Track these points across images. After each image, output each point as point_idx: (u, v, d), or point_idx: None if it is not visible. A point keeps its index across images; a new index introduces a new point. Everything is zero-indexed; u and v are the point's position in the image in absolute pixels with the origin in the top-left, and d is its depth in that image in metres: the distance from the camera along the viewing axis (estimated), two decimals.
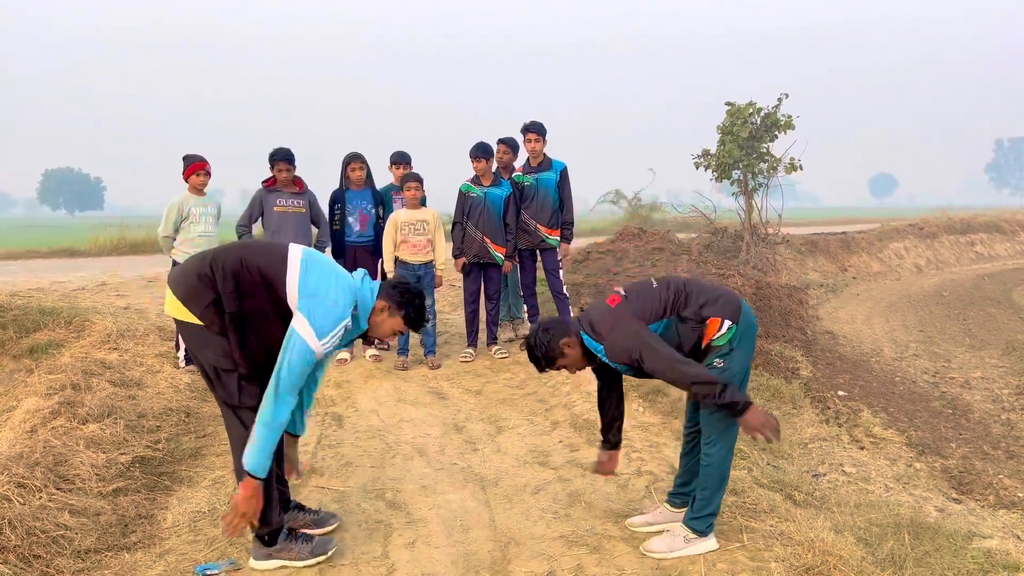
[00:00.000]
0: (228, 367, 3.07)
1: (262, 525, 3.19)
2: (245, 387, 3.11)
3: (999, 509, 5.03)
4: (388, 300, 3.23)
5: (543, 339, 3.33)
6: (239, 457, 3.08)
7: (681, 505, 3.61)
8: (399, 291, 3.26)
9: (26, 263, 14.03)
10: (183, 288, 3.08)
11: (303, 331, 2.97)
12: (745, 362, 3.31)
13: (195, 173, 6.18)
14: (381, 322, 3.25)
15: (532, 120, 6.88)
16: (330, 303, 3.03)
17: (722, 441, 3.29)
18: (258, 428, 2.97)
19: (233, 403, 3.12)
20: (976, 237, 23.81)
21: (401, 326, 3.29)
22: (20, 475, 3.70)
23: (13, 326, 6.33)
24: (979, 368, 9.47)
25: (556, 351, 3.32)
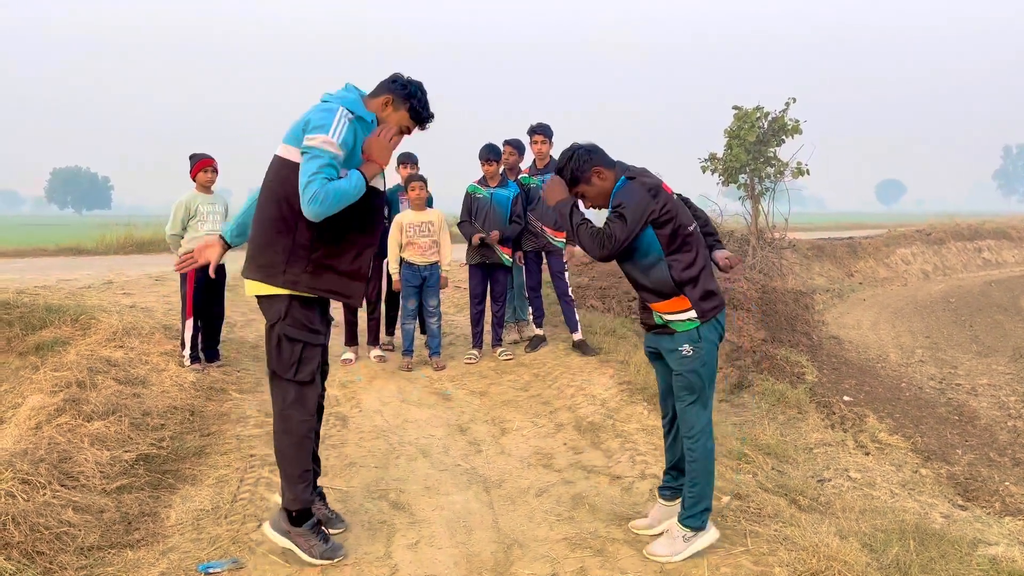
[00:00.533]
0: (295, 336, 3.12)
1: (286, 498, 3.22)
2: (305, 360, 3.15)
3: (1005, 516, 5.00)
4: (390, 93, 3.19)
5: (582, 155, 3.27)
6: (281, 432, 3.18)
7: (672, 497, 3.57)
8: (400, 83, 3.21)
9: (33, 261, 14.08)
10: (257, 272, 3.12)
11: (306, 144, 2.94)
12: (713, 358, 3.29)
13: (202, 170, 6.19)
14: (387, 116, 3.20)
15: (539, 122, 6.88)
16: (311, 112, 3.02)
17: (702, 432, 3.28)
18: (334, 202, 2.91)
19: (287, 375, 3.15)
20: (984, 244, 23.73)
21: (407, 120, 3.24)
22: (25, 471, 3.70)
23: (19, 323, 6.35)
24: (986, 375, 9.43)
25: (587, 172, 3.26)
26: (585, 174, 3.26)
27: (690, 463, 3.30)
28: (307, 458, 3.25)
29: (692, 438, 3.29)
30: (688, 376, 3.25)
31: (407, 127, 3.27)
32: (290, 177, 3.03)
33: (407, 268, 6.48)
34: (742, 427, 5.84)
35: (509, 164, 7.06)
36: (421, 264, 6.47)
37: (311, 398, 3.24)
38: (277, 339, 3.14)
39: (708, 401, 3.30)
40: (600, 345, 6.97)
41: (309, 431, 3.25)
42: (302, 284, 3.10)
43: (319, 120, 2.97)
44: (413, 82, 3.24)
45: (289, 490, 3.22)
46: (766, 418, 6.37)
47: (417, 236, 6.43)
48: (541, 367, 6.56)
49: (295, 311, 3.14)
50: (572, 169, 3.28)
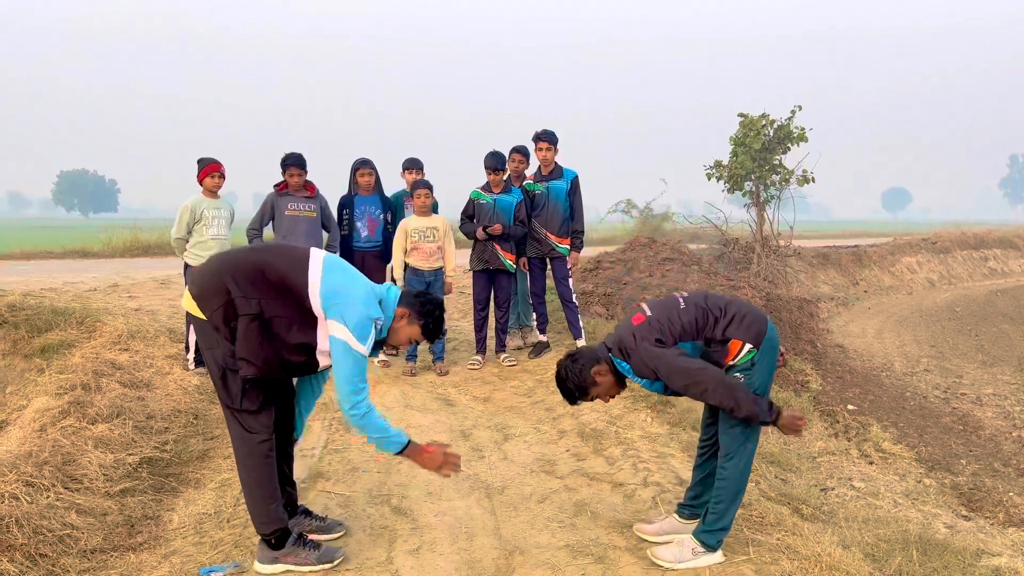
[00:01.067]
0: (234, 368, 3.07)
1: (258, 523, 3.21)
2: (249, 391, 3.11)
3: (1009, 527, 4.98)
4: (409, 308, 3.26)
5: (574, 370, 3.29)
6: (239, 459, 3.17)
7: (690, 516, 3.59)
8: (420, 301, 3.29)
9: (40, 263, 14.13)
10: (198, 287, 3.09)
11: (344, 336, 3.00)
12: (766, 376, 3.26)
13: (209, 175, 6.21)
14: (399, 329, 3.27)
15: (544, 129, 6.89)
16: (359, 304, 3.05)
17: (740, 456, 3.25)
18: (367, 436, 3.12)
19: (234, 406, 3.12)
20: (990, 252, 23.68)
21: (418, 335, 3.31)
22: (28, 474, 3.72)
23: (25, 325, 6.37)
24: (991, 385, 9.40)
25: (588, 381, 3.28)
26: (586, 382, 3.29)
27: (720, 480, 3.28)
28: (272, 478, 3.21)
29: (728, 458, 3.26)
30: None
31: (416, 340, 3.37)
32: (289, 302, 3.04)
33: (411, 273, 6.49)
34: None
35: (517, 172, 7.07)
36: (426, 269, 6.48)
37: (262, 420, 3.17)
38: (220, 371, 3.09)
39: (755, 428, 3.26)
40: None
41: (269, 450, 3.18)
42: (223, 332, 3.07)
43: (362, 330, 3.04)
44: (431, 302, 3.32)
45: (261, 513, 3.20)
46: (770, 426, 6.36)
47: (422, 241, 6.45)
48: (545, 373, 6.56)
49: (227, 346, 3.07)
50: (574, 385, 3.30)
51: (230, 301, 3.02)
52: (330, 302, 3.03)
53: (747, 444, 3.26)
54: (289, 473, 3.52)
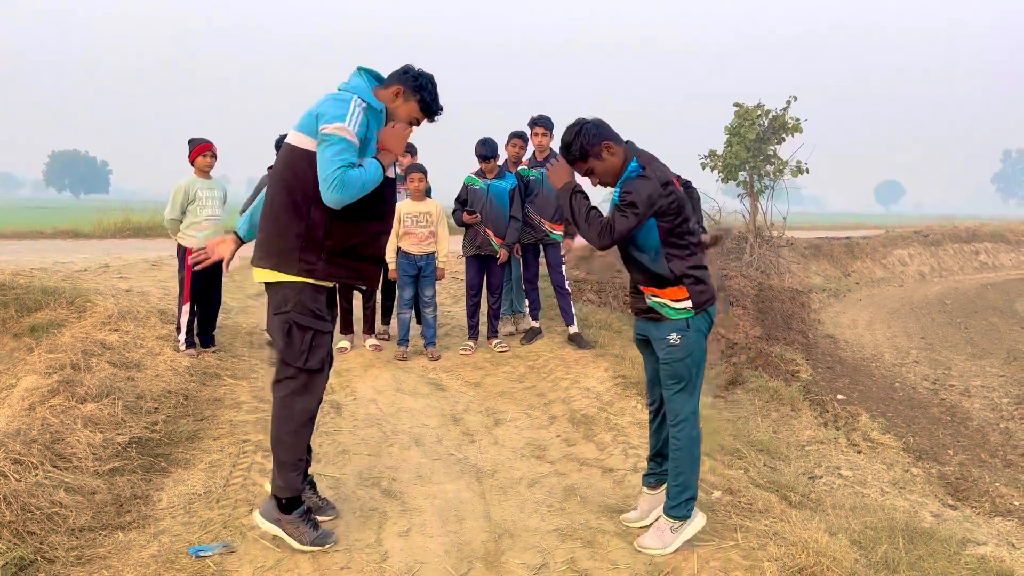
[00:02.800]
0: (306, 324, 3.10)
1: (277, 485, 3.22)
2: (316, 347, 3.14)
3: (995, 517, 5.03)
4: (401, 84, 3.20)
5: (591, 129, 3.19)
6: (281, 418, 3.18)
7: (656, 484, 3.57)
8: (411, 75, 3.21)
9: (31, 244, 14.04)
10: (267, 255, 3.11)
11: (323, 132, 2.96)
12: (701, 347, 3.27)
13: (201, 155, 6.18)
14: (397, 107, 3.21)
15: (540, 114, 6.86)
16: (326, 100, 3.03)
17: (689, 420, 3.27)
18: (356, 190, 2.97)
19: (298, 363, 3.13)
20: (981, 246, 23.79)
21: (417, 111, 3.25)
22: (17, 451, 3.71)
23: (15, 305, 6.34)
24: (979, 376, 9.47)
25: (597, 146, 3.19)
26: (595, 148, 3.19)
27: (674, 451, 3.29)
28: (304, 446, 3.26)
29: (677, 426, 3.28)
30: (675, 365, 3.24)
31: (416, 119, 3.28)
32: (303, 165, 3.04)
33: (403, 257, 6.48)
34: (735, 423, 5.86)
35: (514, 157, 7.05)
36: (417, 254, 6.46)
37: (318, 386, 3.24)
38: (287, 327, 3.12)
39: (695, 389, 3.29)
40: (595, 339, 6.98)
41: (310, 420, 3.25)
42: (318, 272, 3.11)
43: (335, 109, 2.99)
44: (424, 74, 3.25)
45: (281, 477, 3.22)
46: (759, 415, 6.39)
47: (415, 226, 6.43)
48: (536, 359, 6.57)
49: (306, 298, 3.13)
50: (582, 143, 3.19)
51: (299, 235, 3.04)
52: (310, 131, 3.02)
53: (693, 406, 3.28)
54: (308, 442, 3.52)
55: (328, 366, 3.31)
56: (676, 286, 3.20)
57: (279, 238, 3.10)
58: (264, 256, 3.13)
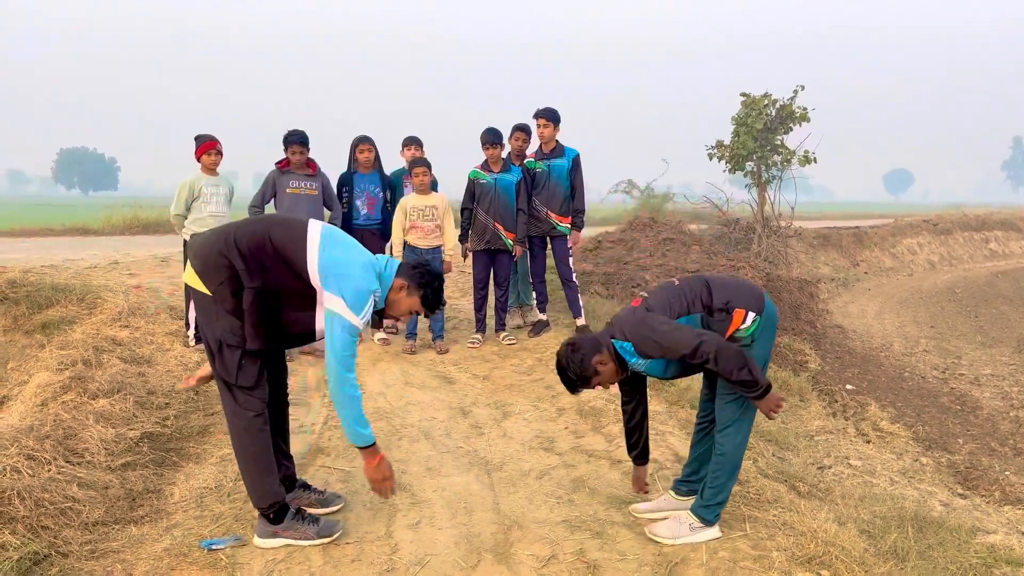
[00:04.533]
0: (232, 343, 3.08)
1: (255, 497, 3.23)
2: (245, 366, 3.12)
3: (1004, 505, 5.02)
4: (407, 279, 3.26)
5: (575, 359, 3.24)
6: (233, 433, 3.18)
7: (687, 493, 3.62)
8: (419, 272, 3.29)
9: (40, 241, 14.11)
10: (200, 261, 3.09)
11: (340, 309, 3.01)
12: (766, 352, 3.28)
13: (206, 152, 6.19)
14: (398, 300, 3.27)
15: (545, 107, 6.85)
16: (357, 277, 3.06)
17: (738, 431, 3.27)
18: (338, 412, 3.10)
19: (230, 380, 3.13)
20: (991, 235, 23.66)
21: (418, 306, 3.31)
22: (30, 447, 3.74)
23: (26, 302, 6.38)
24: (989, 365, 9.43)
25: (590, 370, 3.24)
26: (588, 371, 3.24)
27: (718, 455, 3.30)
28: (267, 452, 3.23)
29: (724, 431, 3.28)
30: None
31: (415, 311, 3.36)
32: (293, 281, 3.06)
33: (410, 252, 6.49)
34: None
35: (518, 150, 7.05)
36: (424, 248, 6.47)
37: (256, 400, 3.18)
38: (217, 344, 3.10)
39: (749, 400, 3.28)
40: None
41: (263, 424, 3.20)
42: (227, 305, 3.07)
43: (359, 301, 3.05)
44: (430, 273, 3.32)
45: (258, 488, 3.22)
46: None
47: (421, 220, 6.44)
48: (544, 352, 6.58)
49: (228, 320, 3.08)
50: (577, 375, 3.25)
51: (234, 275, 3.03)
52: (328, 275, 3.04)
53: (744, 418, 3.28)
54: (285, 447, 3.55)
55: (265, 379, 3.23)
56: (732, 313, 3.19)
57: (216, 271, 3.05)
58: (202, 271, 3.08)
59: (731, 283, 3.30)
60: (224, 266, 3.03)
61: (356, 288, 3.04)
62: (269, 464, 3.24)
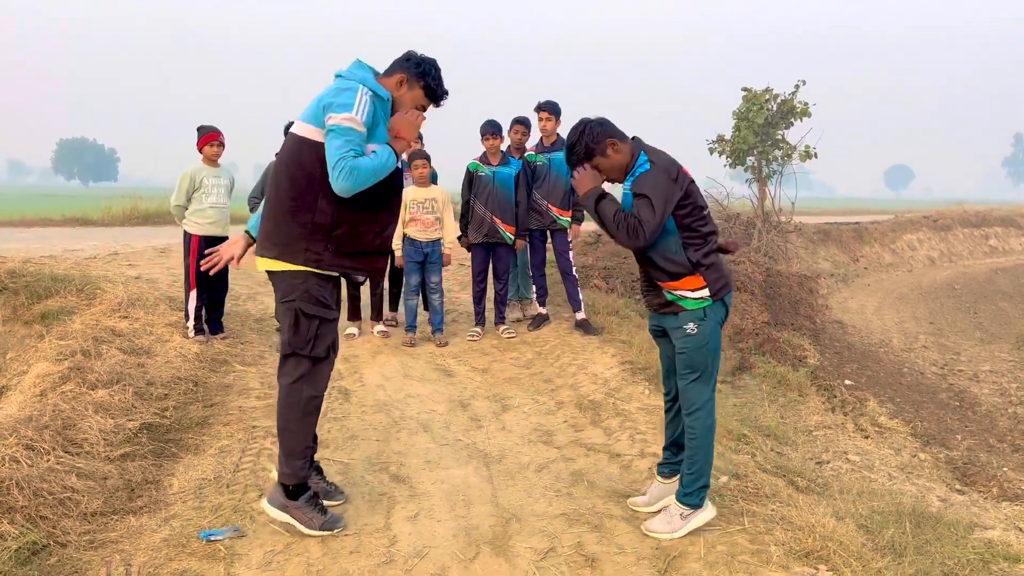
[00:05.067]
0: (311, 312, 3.12)
1: (282, 473, 3.25)
2: (322, 335, 3.16)
3: (1002, 501, 5.03)
4: (404, 71, 3.21)
5: (595, 128, 3.21)
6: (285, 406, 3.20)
7: (670, 474, 3.59)
8: (414, 62, 3.22)
9: (39, 231, 14.11)
10: (271, 244, 3.11)
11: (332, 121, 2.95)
12: (717, 336, 3.29)
13: (208, 144, 6.19)
14: (401, 96, 3.22)
15: (546, 100, 6.83)
16: (330, 90, 3.04)
17: (708, 413, 3.28)
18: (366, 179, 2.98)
19: (304, 352, 3.15)
20: (991, 231, 23.64)
21: (422, 98, 3.26)
22: (29, 437, 3.74)
23: (25, 292, 6.38)
24: (988, 361, 9.44)
25: (602, 144, 3.21)
26: (600, 146, 3.22)
27: (690, 440, 3.31)
28: (310, 434, 3.29)
29: (692, 415, 3.29)
30: (692, 354, 3.26)
31: (422, 105, 3.28)
32: (310, 156, 3.05)
33: (409, 244, 6.49)
34: (743, 409, 5.86)
35: (517, 143, 7.04)
36: (423, 240, 6.47)
37: (324, 374, 3.26)
38: (294, 315, 3.13)
39: (710, 379, 3.30)
40: (603, 325, 6.98)
41: (316, 408, 3.27)
42: (324, 262, 3.12)
43: (342, 99, 2.99)
44: (427, 60, 3.25)
45: (287, 464, 3.25)
46: (767, 400, 6.39)
47: (420, 212, 6.43)
48: (543, 345, 6.58)
49: (312, 287, 3.14)
50: (586, 142, 3.22)
51: (306, 224, 3.05)
52: (312, 115, 3.03)
53: (710, 399, 3.30)
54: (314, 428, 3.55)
55: (334, 353, 3.32)
56: (693, 275, 3.20)
57: (285, 227, 3.10)
58: (269, 246, 3.14)
59: (718, 259, 3.28)
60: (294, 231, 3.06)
61: (333, 96, 3.00)
62: (306, 448, 3.27)
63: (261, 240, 3.19)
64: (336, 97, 3.00)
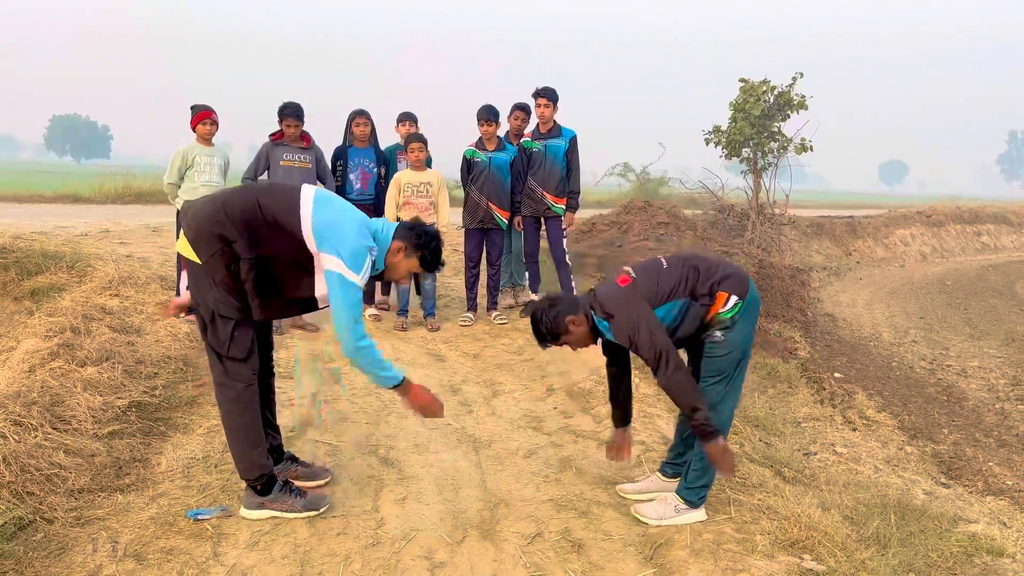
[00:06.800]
0: (226, 314, 3.06)
1: (242, 468, 3.23)
2: (238, 337, 3.10)
3: (987, 495, 5.07)
4: (404, 241, 3.24)
5: (549, 315, 3.27)
6: (222, 404, 3.18)
7: (673, 475, 3.63)
8: (416, 233, 3.26)
9: (30, 207, 14.01)
10: (193, 231, 3.04)
11: (338, 268, 2.98)
12: (747, 337, 3.28)
13: (201, 122, 6.14)
14: (397, 263, 3.26)
15: (544, 86, 6.80)
16: (352, 237, 3.04)
17: (720, 413, 3.28)
18: (360, 366, 3.13)
19: (221, 351, 3.11)
20: (983, 228, 23.73)
21: (417, 267, 3.30)
22: (17, 413, 3.72)
23: (15, 268, 6.34)
24: (977, 357, 9.49)
25: (561, 327, 3.26)
26: (559, 329, 3.26)
27: None
28: (255, 424, 3.22)
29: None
30: (717, 360, 3.25)
31: (415, 272, 3.36)
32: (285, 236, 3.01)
33: None
34: None
35: (516, 129, 7.00)
36: None
37: (245, 372, 3.17)
38: (210, 314, 3.07)
39: (731, 381, 3.28)
40: None
41: (252, 395, 3.20)
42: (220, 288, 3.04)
43: (357, 261, 3.02)
44: (428, 233, 3.29)
45: (245, 459, 3.21)
46: (756, 391, 6.41)
47: (415, 196, 6.40)
48: None
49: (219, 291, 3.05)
50: (547, 329, 3.27)
51: (228, 246, 2.99)
52: (323, 236, 3.01)
53: (727, 400, 3.29)
54: (272, 418, 3.54)
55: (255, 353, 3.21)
56: (716, 296, 3.19)
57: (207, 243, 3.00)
58: (194, 241, 3.04)
59: (717, 265, 3.28)
60: (217, 237, 2.99)
61: (352, 247, 3.01)
62: (257, 436, 3.23)
63: (188, 220, 3.08)
64: (353, 256, 3.01)
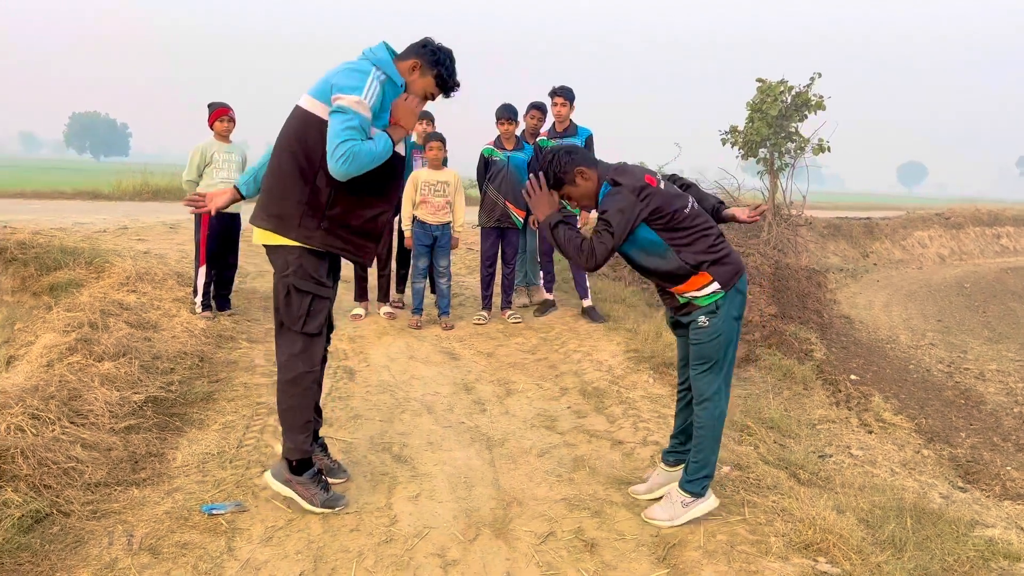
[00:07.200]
0: (305, 288, 3.12)
1: (286, 448, 3.26)
2: (314, 313, 3.16)
3: (1004, 500, 5.02)
4: (419, 58, 3.18)
5: (563, 158, 3.24)
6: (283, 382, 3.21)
7: (674, 463, 3.60)
8: (430, 49, 3.20)
9: (50, 203, 14.15)
10: (266, 215, 3.10)
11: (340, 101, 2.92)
12: (733, 326, 3.25)
13: (219, 119, 6.19)
14: (413, 81, 3.20)
15: (561, 85, 6.79)
16: (341, 70, 3.01)
17: (714, 401, 3.27)
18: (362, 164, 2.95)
19: (295, 327, 3.16)
20: (1003, 230, 23.49)
21: (433, 87, 3.24)
22: (35, 407, 3.76)
23: (35, 263, 6.40)
24: (995, 361, 9.40)
25: (570, 173, 3.23)
26: (568, 175, 3.24)
27: (697, 428, 3.30)
28: (309, 409, 3.28)
29: (701, 404, 3.28)
30: (703, 346, 3.24)
31: (432, 93, 3.26)
32: (313, 132, 3.02)
33: (419, 227, 6.47)
34: (747, 400, 5.85)
35: (532, 128, 7.01)
36: (433, 223, 6.45)
37: (316, 351, 3.26)
38: (287, 290, 3.14)
39: (722, 370, 3.27)
40: (609, 312, 6.97)
41: (312, 382, 3.27)
42: (315, 240, 3.10)
43: (352, 81, 2.97)
44: (443, 49, 3.22)
45: (290, 439, 3.26)
46: (771, 392, 6.38)
47: (432, 195, 6.41)
48: (549, 331, 6.58)
49: (306, 263, 3.13)
50: (555, 171, 3.25)
51: (301, 201, 3.04)
52: (319, 91, 3.01)
53: (720, 389, 3.28)
54: (318, 401, 3.56)
55: (327, 331, 3.31)
56: (696, 274, 3.18)
57: (281, 201, 3.09)
58: (265, 217, 3.13)
59: (720, 248, 3.24)
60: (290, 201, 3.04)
61: (340, 71, 2.98)
62: (307, 422, 3.27)
63: (257, 211, 3.17)
64: (347, 78, 2.98)
